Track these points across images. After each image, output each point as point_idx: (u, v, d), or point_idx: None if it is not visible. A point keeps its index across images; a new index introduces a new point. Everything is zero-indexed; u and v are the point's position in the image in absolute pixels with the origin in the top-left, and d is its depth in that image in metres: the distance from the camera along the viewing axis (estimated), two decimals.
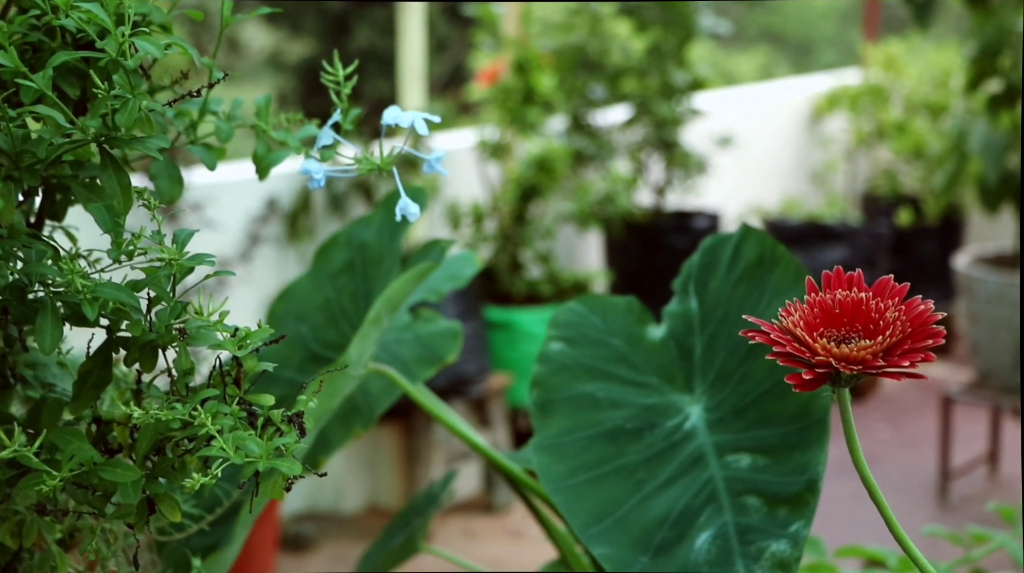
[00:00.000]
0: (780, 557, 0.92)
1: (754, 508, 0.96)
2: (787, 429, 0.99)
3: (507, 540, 3.57)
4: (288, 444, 0.75)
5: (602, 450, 1.07)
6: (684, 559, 0.95)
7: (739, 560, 0.93)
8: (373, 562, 1.46)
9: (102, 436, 0.78)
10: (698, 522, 0.97)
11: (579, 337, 1.17)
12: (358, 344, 1.13)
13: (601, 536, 1.00)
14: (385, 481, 3.80)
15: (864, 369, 0.71)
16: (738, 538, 0.94)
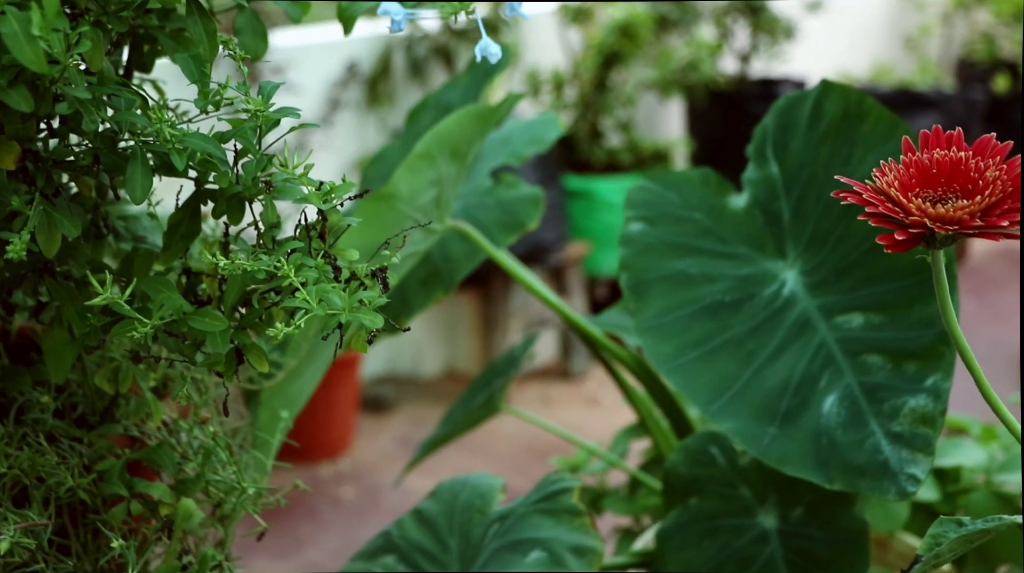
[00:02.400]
0: (922, 412, 0.91)
1: (877, 366, 0.95)
2: (902, 283, 0.97)
3: (583, 407, 3.61)
4: (371, 298, 0.76)
5: (705, 326, 1.06)
6: (814, 425, 0.95)
7: (872, 419, 0.92)
8: (454, 421, 1.48)
9: (191, 287, 0.80)
10: (819, 387, 0.96)
11: (658, 215, 1.15)
12: (406, 176, 1.12)
13: (724, 411, 1.00)
14: (462, 347, 3.85)
15: (960, 230, 0.69)
16: (866, 398, 0.93)
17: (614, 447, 1.58)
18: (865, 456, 0.91)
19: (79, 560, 0.78)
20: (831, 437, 0.93)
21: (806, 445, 0.94)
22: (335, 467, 3.25)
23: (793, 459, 0.95)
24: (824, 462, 0.93)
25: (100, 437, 0.81)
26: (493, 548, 1.04)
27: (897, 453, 0.90)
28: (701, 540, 1.07)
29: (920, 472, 0.89)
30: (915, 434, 0.90)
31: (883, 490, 0.90)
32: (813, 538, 1.05)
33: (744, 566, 1.06)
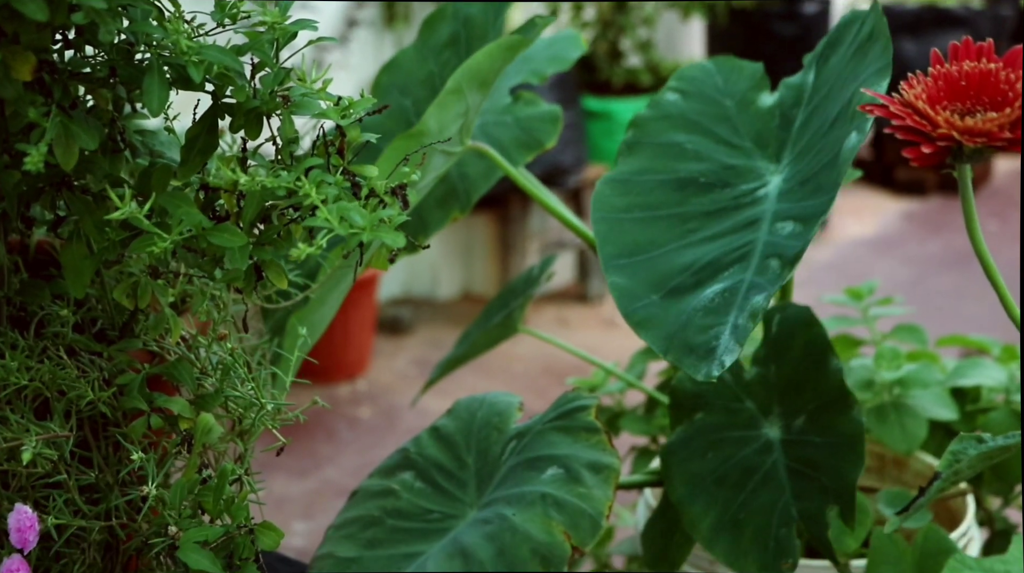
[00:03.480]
0: (755, 308, 0.92)
1: (772, 269, 0.96)
2: (823, 199, 0.98)
3: (600, 329, 3.62)
4: (391, 216, 0.75)
5: (666, 195, 1.07)
6: (689, 304, 0.96)
7: (734, 312, 0.93)
8: (471, 341, 1.48)
9: (210, 203, 0.79)
10: (720, 276, 0.97)
11: (696, 92, 1.16)
12: (436, 113, 1.12)
13: (624, 268, 1.01)
14: (479, 269, 3.85)
15: (988, 142, 0.68)
16: (745, 294, 0.94)
17: (631, 367, 1.58)
18: (703, 339, 0.92)
19: (101, 472, 0.79)
20: (691, 317, 0.94)
21: (669, 318, 0.95)
22: (353, 388, 3.27)
23: (651, 326, 0.96)
24: (671, 335, 0.94)
25: (120, 352, 0.82)
26: (510, 465, 1.05)
27: (728, 342, 0.91)
28: (705, 453, 1.09)
29: (729, 360, 0.91)
30: (745, 327, 0.92)
31: (696, 370, 0.91)
32: (813, 445, 1.07)
33: (747, 475, 1.08)
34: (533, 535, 0.95)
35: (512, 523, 0.96)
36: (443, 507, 1.06)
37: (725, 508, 1.07)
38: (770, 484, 1.07)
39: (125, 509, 0.79)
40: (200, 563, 0.76)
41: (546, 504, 0.97)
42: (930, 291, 3.86)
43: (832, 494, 1.04)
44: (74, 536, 0.78)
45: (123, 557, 0.82)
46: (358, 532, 1.07)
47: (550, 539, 0.94)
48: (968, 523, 1.20)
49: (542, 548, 0.94)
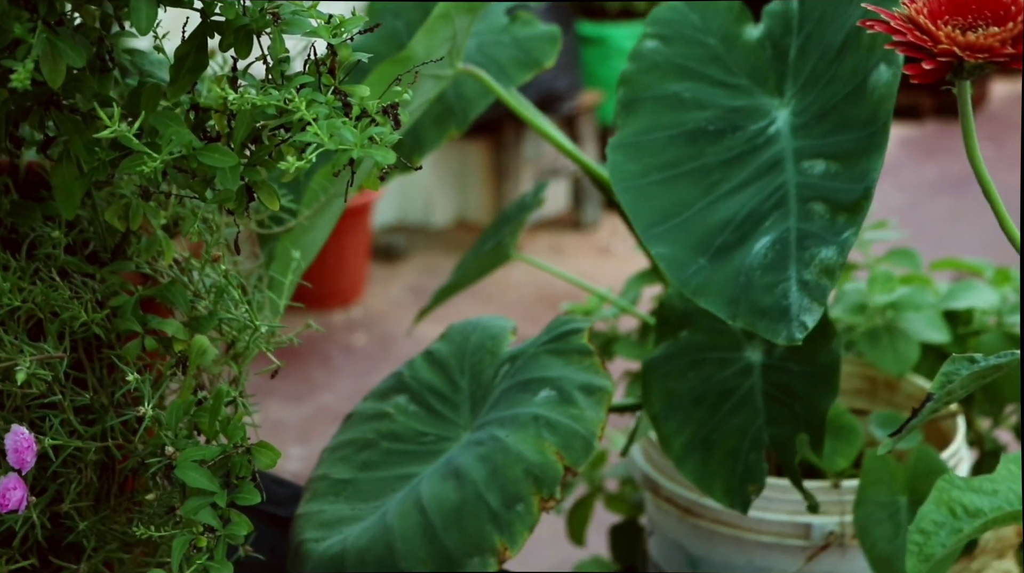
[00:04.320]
0: (827, 264, 0.91)
1: (818, 215, 0.94)
2: (860, 134, 0.96)
3: (594, 256, 3.62)
4: (382, 134, 0.75)
5: (680, 151, 1.05)
6: (740, 263, 0.95)
7: (792, 265, 0.92)
8: (466, 269, 1.48)
9: (200, 124, 0.79)
10: (763, 227, 0.96)
11: (675, 35, 1.13)
12: (424, 39, 1.10)
13: (663, 236, 0.99)
14: (473, 196, 3.84)
15: (990, 57, 0.67)
16: (797, 244, 0.93)
17: (625, 293, 1.58)
18: (772, 299, 0.91)
19: (96, 393, 0.79)
20: (749, 277, 0.93)
21: (726, 281, 0.94)
22: (347, 315, 3.28)
23: (709, 292, 0.95)
24: (735, 299, 0.93)
25: (112, 274, 0.81)
26: (503, 387, 1.05)
27: (800, 300, 0.90)
28: (686, 371, 1.10)
29: (811, 321, 0.89)
30: (818, 284, 0.91)
31: (776, 333, 0.90)
32: (791, 372, 1.07)
33: (724, 397, 1.08)
34: (526, 456, 0.95)
35: (505, 444, 0.97)
36: (437, 429, 1.07)
37: (699, 428, 1.08)
38: (745, 407, 1.08)
39: (121, 430, 0.80)
40: (197, 481, 0.76)
41: (539, 425, 0.97)
42: (924, 216, 3.87)
43: (804, 422, 1.05)
44: (70, 456, 0.78)
45: (120, 477, 0.83)
46: (353, 454, 1.08)
47: (543, 460, 0.95)
48: (958, 444, 1.21)
49: (535, 469, 0.95)
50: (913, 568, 0.64)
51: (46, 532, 0.78)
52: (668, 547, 1.31)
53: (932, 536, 0.64)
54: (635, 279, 1.59)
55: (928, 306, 1.27)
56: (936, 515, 0.65)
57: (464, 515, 0.94)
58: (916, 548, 0.64)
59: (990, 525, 0.66)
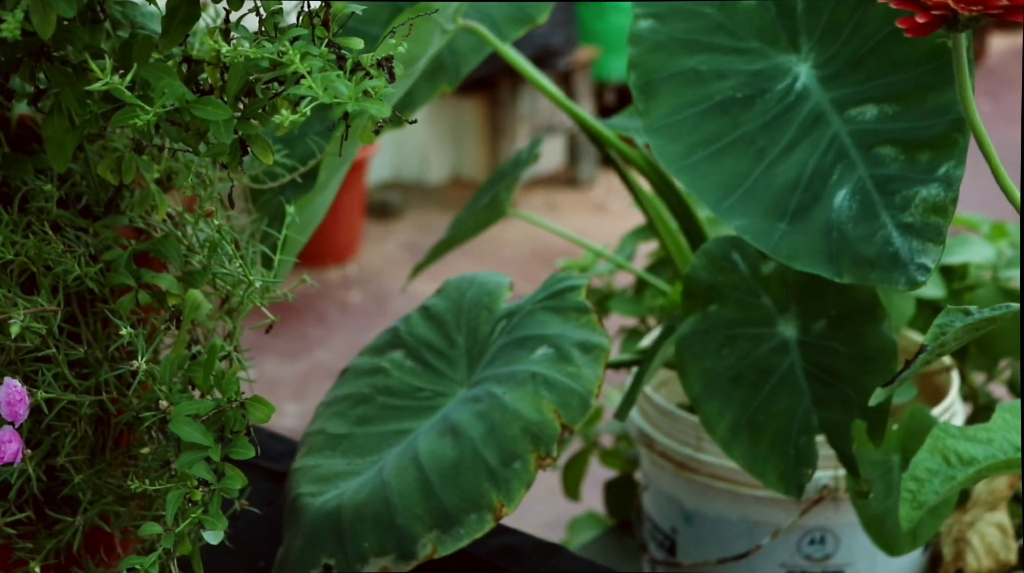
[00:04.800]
0: (933, 201, 0.89)
1: (890, 158, 0.93)
2: (918, 71, 0.94)
3: (590, 213, 3.62)
4: (377, 87, 0.74)
5: (715, 124, 1.03)
6: (825, 219, 0.93)
7: (883, 211, 0.90)
8: (462, 225, 1.48)
9: (193, 76, 0.78)
10: (831, 181, 0.94)
11: (667, 11, 1.10)
12: None
13: (735, 209, 0.98)
14: (469, 153, 3.82)
15: (985, 10, 0.67)
16: (878, 190, 0.91)
17: (621, 249, 1.58)
18: (875, 248, 0.90)
19: (90, 347, 0.79)
20: (842, 231, 0.92)
21: (817, 240, 0.93)
22: (342, 272, 3.27)
23: (804, 254, 0.94)
24: (834, 256, 0.92)
25: (105, 228, 0.81)
26: (500, 344, 1.05)
27: (908, 243, 0.89)
28: (720, 348, 1.08)
29: (930, 261, 0.88)
30: (926, 224, 0.89)
31: (893, 281, 0.89)
32: (836, 353, 1.05)
33: (764, 376, 1.07)
34: (523, 413, 0.95)
35: (502, 401, 0.97)
36: (433, 385, 1.07)
37: (742, 409, 1.06)
38: (788, 387, 1.06)
39: (115, 384, 0.80)
40: (191, 435, 0.76)
41: (536, 383, 0.97)
42: None
43: (859, 408, 1.02)
44: (65, 410, 0.78)
45: (114, 431, 0.83)
46: (348, 409, 1.08)
47: (540, 417, 0.95)
48: (952, 398, 1.21)
49: (532, 426, 0.95)
50: (906, 515, 0.64)
51: (42, 485, 0.78)
52: (663, 502, 1.32)
53: (926, 484, 0.64)
54: (630, 235, 1.59)
55: None
56: (930, 463, 0.65)
57: (461, 472, 0.94)
58: (909, 495, 0.64)
59: (984, 473, 0.66)
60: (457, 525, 0.93)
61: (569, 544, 1.62)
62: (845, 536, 1.23)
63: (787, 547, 1.23)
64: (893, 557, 1.04)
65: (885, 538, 1.01)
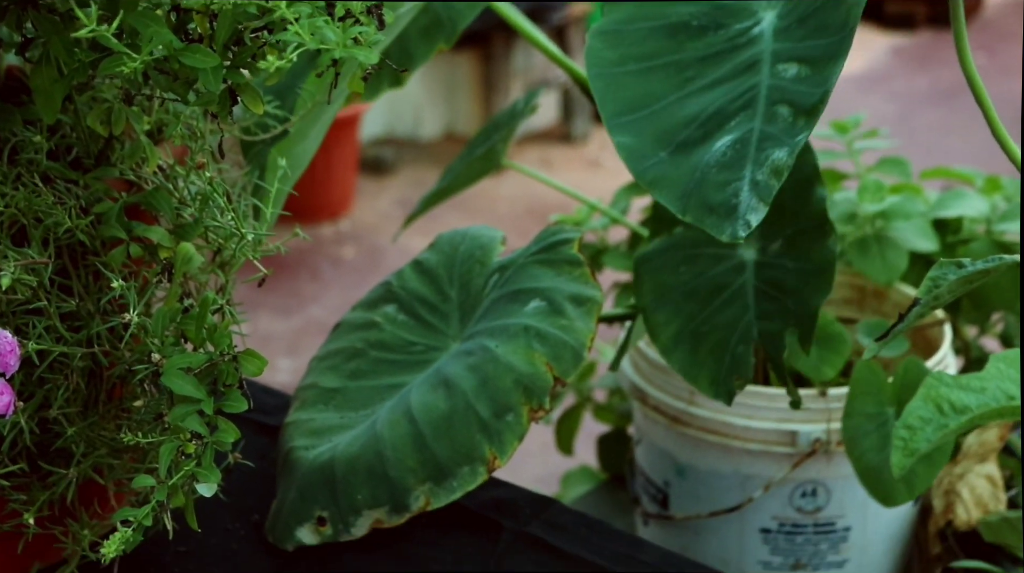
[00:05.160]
0: (777, 164, 0.91)
1: (782, 118, 0.94)
2: (832, 39, 0.95)
3: (584, 169, 3.60)
4: (366, 34, 0.74)
5: (659, 43, 1.03)
6: (699, 160, 0.94)
7: (748, 166, 0.91)
8: (455, 175, 1.47)
9: (181, 25, 0.77)
10: (727, 126, 0.95)
11: None
12: None
13: (628, 126, 0.98)
14: (463, 109, 3.80)
15: None
16: (756, 145, 0.92)
17: (615, 203, 1.58)
18: (722, 197, 0.91)
19: (81, 300, 0.79)
20: (705, 173, 0.93)
21: (682, 175, 0.94)
22: (336, 227, 3.27)
23: (664, 184, 0.94)
24: (687, 194, 0.92)
25: (96, 180, 0.80)
26: (493, 298, 1.05)
27: (749, 199, 0.90)
28: (679, 265, 1.10)
29: (755, 220, 0.89)
30: (767, 184, 0.90)
31: (721, 230, 0.90)
32: (785, 269, 1.07)
33: (715, 292, 1.09)
34: (516, 366, 0.95)
35: (495, 354, 0.97)
36: (426, 339, 1.07)
37: (688, 320, 1.08)
38: (736, 302, 1.08)
39: (107, 337, 0.79)
40: (184, 388, 0.76)
41: (529, 336, 0.97)
42: (916, 127, 3.85)
43: (794, 318, 1.05)
44: (57, 362, 0.78)
45: (107, 384, 0.82)
46: (341, 363, 1.08)
47: (532, 370, 0.95)
48: (944, 351, 1.21)
49: (524, 379, 0.95)
50: (898, 462, 0.64)
51: (35, 437, 0.78)
52: (655, 455, 1.32)
53: (918, 432, 0.65)
54: (624, 190, 1.59)
55: (917, 215, 1.27)
56: (923, 411, 0.65)
57: (454, 424, 0.94)
58: (901, 443, 0.65)
59: (977, 421, 0.66)
60: (450, 477, 0.93)
61: (562, 498, 1.63)
62: (837, 489, 1.23)
63: (779, 500, 1.24)
64: (888, 508, 1.05)
65: (880, 489, 1.02)
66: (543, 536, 0.94)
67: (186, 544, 0.92)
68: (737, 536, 1.27)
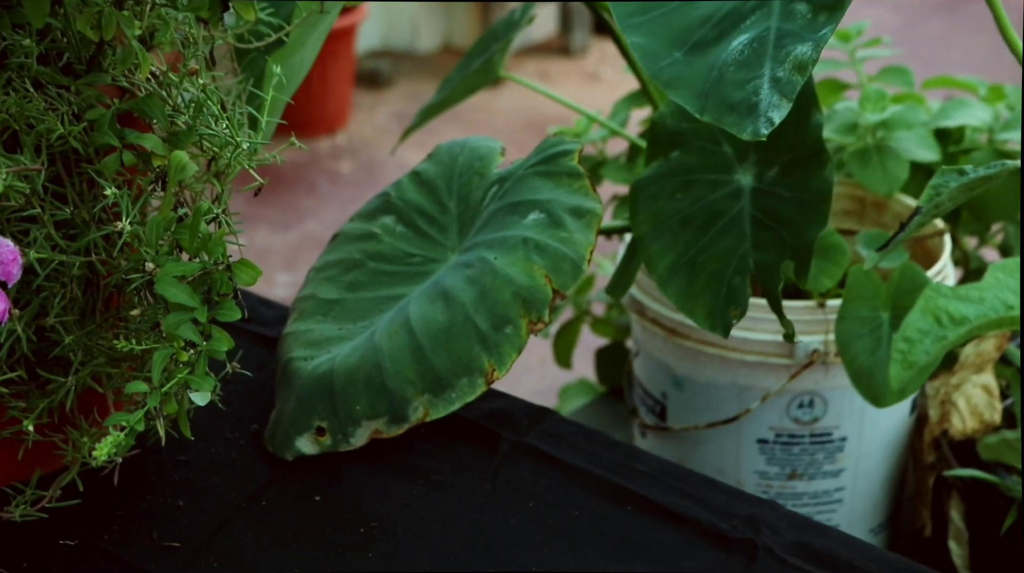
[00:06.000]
0: (801, 59, 0.89)
1: (800, 14, 0.92)
2: None
3: (583, 82, 3.57)
4: None
5: None
6: (715, 58, 0.92)
7: (768, 63, 0.90)
8: (452, 87, 1.46)
9: None
10: (743, 25, 0.93)
11: None
12: None
13: (642, 26, 0.97)
14: (460, 20, 3.75)
15: None
16: (775, 43, 0.91)
17: (614, 115, 1.56)
18: (742, 95, 0.89)
19: (76, 208, 0.78)
20: (723, 72, 0.91)
21: (698, 75, 0.92)
22: (332, 142, 3.24)
23: (681, 85, 0.93)
24: (705, 93, 0.91)
25: (88, 86, 0.79)
26: (492, 209, 1.04)
27: (770, 97, 0.88)
28: (675, 192, 1.08)
29: (778, 117, 0.87)
30: (789, 80, 0.88)
31: (742, 128, 0.88)
32: (781, 197, 1.06)
33: (712, 220, 1.07)
34: (514, 278, 0.95)
35: (494, 266, 0.96)
36: (425, 251, 1.07)
37: (685, 250, 1.07)
38: (733, 231, 1.07)
39: (103, 245, 0.79)
40: (178, 297, 0.76)
41: (528, 248, 0.97)
42: (918, 37, 3.81)
43: (790, 249, 1.04)
44: (54, 271, 0.78)
45: (104, 293, 0.82)
46: (340, 274, 1.08)
47: (531, 282, 0.95)
48: (944, 261, 1.21)
49: (523, 291, 0.94)
50: (896, 375, 0.64)
51: (32, 346, 0.78)
52: (653, 368, 1.33)
53: (917, 344, 0.64)
54: (624, 101, 1.57)
55: (919, 124, 1.25)
56: (921, 323, 0.65)
57: (453, 336, 0.94)
58: (900, 356, 0.64)
59: (975, 332, 0.66)
60: (448, 389, 0.93)
61: (560, 410, 1.64)
62: (833, 399, 1.24)
63: (776, 411, 1.25)
64: (879, 408, 1.05)
65: (872, 391, 1.02)
66: (541, 446, 0.95)
67: (186, 453, 0.93)
68: (734, 447, 1.28)
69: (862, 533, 1.32)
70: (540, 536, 0.85)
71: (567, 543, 0.85)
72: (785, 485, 1.28)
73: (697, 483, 0.91)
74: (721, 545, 0.84)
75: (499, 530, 0.86)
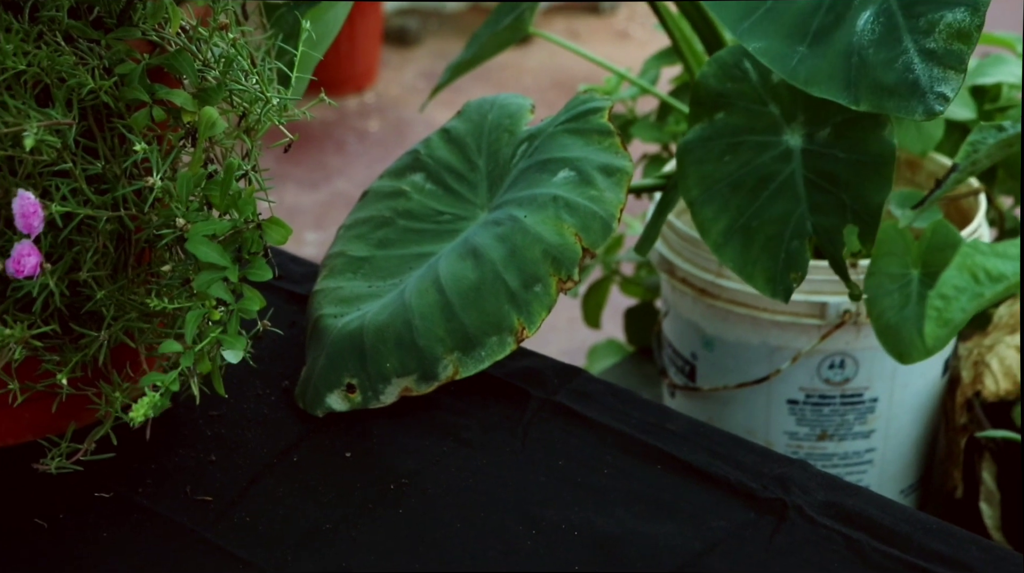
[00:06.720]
0: (958, 27, 0.86)
1: None
2: None
3: (612, 41, 3.54)
4: None
5: None
6: (846, 43, 0.90)
7: (906, 35, 0.87)
8: (481, 44, 1.45)
9: None
10: (855, 2, 0.91)
11: None
12: None
13: (754, 29, 0.95)
14: None
15: None
16: (903, 13, 0.87)
17: (644, 72, 1.55)
18: (895, 75, 0.87)
19: (107, 163, 0.78)
20: (862, 56, 0.89)
21: (836, 64, 0.90)
22: (361, 100, 3.24)
23: (821, 79, 0.91)
24: (852, 82, 0.89)
25: (118, 40, 0.79)
26: (521, 167, 1.04)
27: (928, 71, 0.86)
28: (723, 155, 1.07)
29: (950, 90, 0.85)
30: (948, 51, 0.86)
31: (910, 110, 0.86)
32: (836, 159, 1.04)
33: (763, 183, 1.06)
34: (544, 236, 0.95)
35: (523, 224, 0.96)
36: (454, 208, 1.06)
37: (738, 214, 1.05)
38: (786, 194, 1.05)
39: (134, 200, 0.79)
40: (208, 255, 0.76)
41: (558, 206, 0.96)
42: None
43: (851, 213, 1.01)
44: (85, 225, 0.78)
45: (136, 248, 0.82)
46: (369, 232, 1.07)
47: (561, 240, 0.94)
48: (979, 221, 1.20)
49: (553, 249, 0.94)
50: (932, 332, 0.63)
51: (65, 300, 0.79)
52: (683, 327, 1.32)
53: (952, 301, 0.64)
54: (654, 58, 1.56)
55: None
56: (958, 280, 0.64)
57: (482, 294, 0.94)
58: (936, 313, 0.64)
59: (1012, 290, 0.65)
60: (478, 347, 0.93)
61: (589, 370, 1.64)
62: (864, 360, 1.23)
63: (806, 371, 1.24)
64: (906, 365, 1.04)
65: (898, 347, 1.01)
66: (570, 404, 0.95)
67: (218, 409, 0.93)
68: (764, 407, 1.27)
69: (892, 494, 1.32)
70: (569, 494, 0.86)
71: (596, 501, 0.85)
72: (815, 446, 1.27)
73: (727, 442, 0.90)
74: (751, 504, 0.84)
75: (528, 487, 0.86)
